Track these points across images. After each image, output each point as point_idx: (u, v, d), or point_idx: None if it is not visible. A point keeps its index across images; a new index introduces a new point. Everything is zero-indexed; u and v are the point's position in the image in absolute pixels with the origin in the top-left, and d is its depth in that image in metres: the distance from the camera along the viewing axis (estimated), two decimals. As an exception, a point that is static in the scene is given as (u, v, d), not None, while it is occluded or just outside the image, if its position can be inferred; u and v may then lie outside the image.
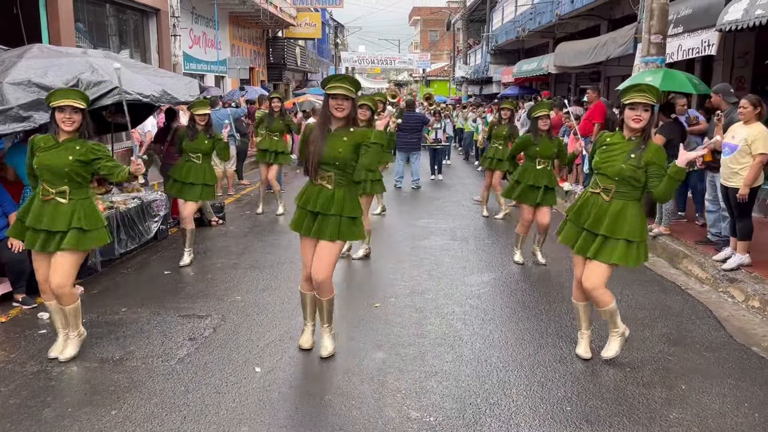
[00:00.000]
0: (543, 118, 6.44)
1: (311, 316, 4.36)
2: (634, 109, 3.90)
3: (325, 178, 4.03)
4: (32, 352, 4.34)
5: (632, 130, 3.95)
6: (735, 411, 3.58)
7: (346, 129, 4.02)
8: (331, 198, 4.01)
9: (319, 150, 3.96)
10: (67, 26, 10.78)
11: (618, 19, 14.04)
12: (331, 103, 3.98)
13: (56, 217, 4.03)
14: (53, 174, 4.03)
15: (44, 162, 4.03)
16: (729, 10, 7.89)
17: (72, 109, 3.99)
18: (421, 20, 54.22)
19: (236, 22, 20.44)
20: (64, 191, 4.06)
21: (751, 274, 5.85)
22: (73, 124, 4.02)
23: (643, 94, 3.87)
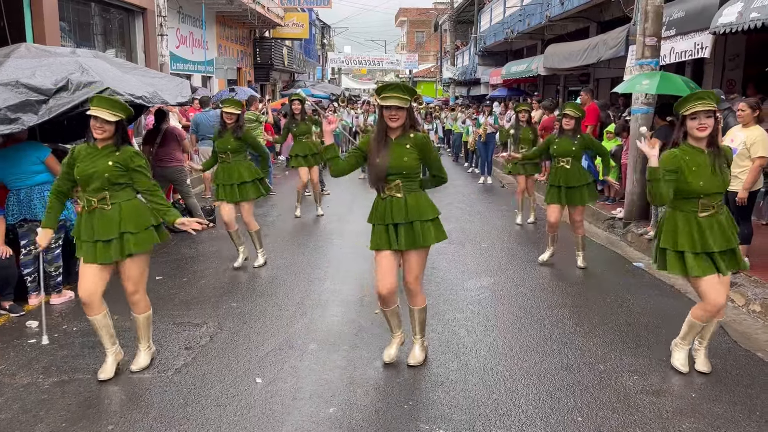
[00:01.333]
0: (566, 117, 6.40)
1: (394, 329, 4.24)
2: (696, 118, 3.79)
3: (392, 188, 3.93)
4: (22, 363, 4.18)
5: (699, 139, 3.84)
6: (747, 419, 3.52)
7: (407, 135, 3.92)
8: (404, 206, 3.92)
9: (385, 163, 3.86)
10: (51, 25, 10.56)
11: (607, 21, 14.05)
12: (385, 114, 3.87)
13: (106, 225, 3.87)
14: (94, 181, 3.86)
15: (85, 171, 3.86)
16: (723, 12, 7.89)
17: (103, 120, 3.83)
18: (408, 21, 54.16)
19: (223, 21, 20.25)
20: (105, 198, 3.89)
21: (750, 278, 5.82)
22: (103, 133, 3.86)
23: (702, 101, 3.77)
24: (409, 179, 3.95)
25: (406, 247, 3.96)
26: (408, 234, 3.94)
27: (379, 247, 4.00)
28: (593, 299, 5.63)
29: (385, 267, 4.00)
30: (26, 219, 5.28)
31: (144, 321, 4.11)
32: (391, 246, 3.96)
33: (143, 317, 4.10)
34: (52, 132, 6.23)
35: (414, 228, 3.94)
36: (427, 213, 3.98)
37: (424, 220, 3.96)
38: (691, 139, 3.89)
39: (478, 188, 12.77)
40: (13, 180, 5.29)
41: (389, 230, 3.96)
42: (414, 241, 3.95)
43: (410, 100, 3.88)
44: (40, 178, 5.30)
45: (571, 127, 6.38)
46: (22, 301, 5.29)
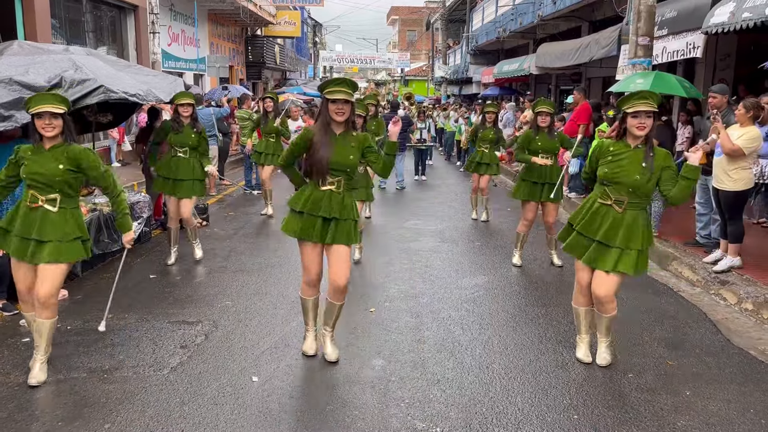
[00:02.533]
0: (542, 115, 6.38)
1: (314, 321, 4.29)
2: (637, 116, 3.85)
3: (333, 183, 3.97)
4: (16, 362, 4.15)
5: (636, 137, 3.91)
6: (741, 417, 3.55)
7: (350, 133, 3.99)
8: (342, 202, 3.98)
9: (328, 156, 3.90)
10: (43, 22, 10.49)
11: (599, 20, 14.11)
12: (331, 107, 3.91)
13: (46, 227, 3.81)
14: (44, 183, 3.80)
15: (34, 170, 3.79)
16: (715, 12, 7.95)
17: (51, 115, 3.76)
18: (399, 20, 54.14)
19: (215, 19, 20.17)
20: (54, 199, 3.84)
21: (742, 277, 5.87)
22: (53, 129, 3.79)
23: (645, 101, 3.83)
24: (349, 177, 4.02)
25: (331, 241, 3.99)
26: (339, 230, 3.99)
27: (305, 237, 4.02)
28: (587, 298, 5.65)
29: (312, 257, 4.09)
30: (19, 217, 5.23)
31: (51, 327, 3.91)
32: (315, 238, 4.00)
33: (52, 322, 3.90)
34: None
35: (346, 225, 4.00)
36: (354, 214, 4.06)
37: (350, 219, 4.03)
38: (629, 137, 3.96)
39: (469, 187, 12.76)
40: (6, 178, 5.24)
41: (317, 222, 3.98)
42: (345, 237, 4.00)
43: (353, 95, 3.95)
44: (34, 175, 5.25)
45: (547, 123, 6.41)
46: (14, 300, 5.24)
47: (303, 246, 4.11)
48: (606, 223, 3.97)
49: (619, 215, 3.95)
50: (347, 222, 4.00)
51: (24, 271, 3.92)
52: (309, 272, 4.14)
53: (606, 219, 3.97)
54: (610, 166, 3.96)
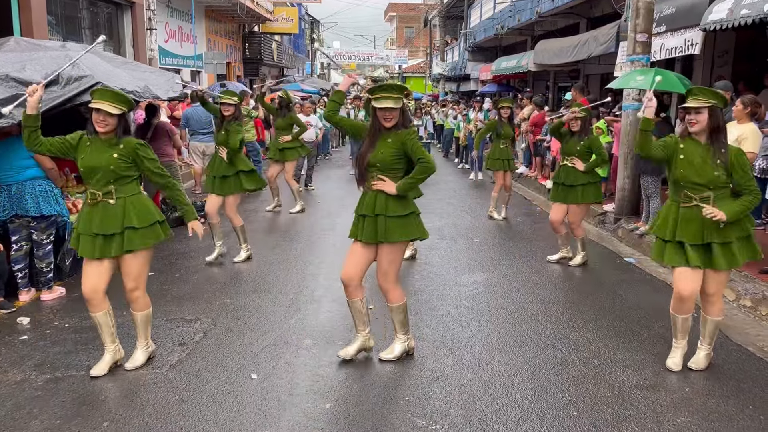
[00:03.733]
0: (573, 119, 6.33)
1: (362, 324, 4.18)
2: (689, 113, 3.88)
3: (371, 179, 3.98)
4: (14, 360, 4.14)
5: (696, 133, 3.91)
6: (740, 413, 3.55)
7: (393, 132, 3.93)
8: (374, 199, 3.94)
9: (368, 153, 3.93)
10: (39, 18, 10.43)
11: (597, 17, 14.10)
12: (379, 114, 3.89)
13: (108, 220, 3.82)
14: (98, 173, 3.81)
15: (89, 162, 3.81)
16: (713, 9, 7.93)
17: (106, 113, 3.78)
18: (397, 16, 54.05)
19: (212, 16, 20.10)
20: (110, 191, 3.84)
21: (741, 273, 5.87)
22: (106, 126, 3.80)
23: (694, 97, 3.85)
24: (386, 173, 3.92)
25: (367, 239, 3.96)
26: (371, 227, 3.94)
27: (350, 235, 4.10)
28: (586, 294, 5.66)
29: (351, 256, 4.07)
30: (17, 215, 5.22)
31: (143, 319, 4.07)
32: (357, 236, 4.00)
33: (142, 315, 4.05)
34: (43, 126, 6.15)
35: (378, 222, 3.92)
36: (395, 209, 3.93)
37: (391, 215, 3.92)
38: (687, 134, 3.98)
39: (468, 184, 12.79)
40: (3, 175, 5.23)
41: (359, 221, 4.01)
42: (376, 234, 3.93)
43: (402, 99, 3.90)
44: (31, 173, 5.24)
45: (578, 128, 6.35)
46: (12, 298, 5.23)
47: (351, 246, 4.12)
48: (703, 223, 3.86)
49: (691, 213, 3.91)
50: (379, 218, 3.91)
51: (93, 269, 3.87)
52: (342, 271, 4.07)
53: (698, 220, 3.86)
54: (684, 167, 3.88)
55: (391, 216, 3.91)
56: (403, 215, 3.95)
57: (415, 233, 4.05)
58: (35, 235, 5.30)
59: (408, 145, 3.91)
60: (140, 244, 3.88)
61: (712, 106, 3.84)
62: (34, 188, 5.19)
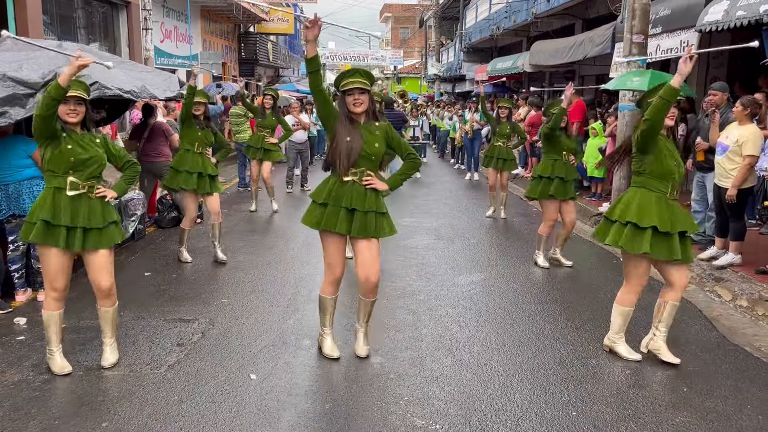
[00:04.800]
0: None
1: (332, 322, 4.23)
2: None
3: (356, 173, 3.90)
4: (11, 360, 4.12)
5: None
6: (739, 413, 3.57)
7: (372, 123, 3.93)
8: (364, 194, 3.91)
9: (360, 145, 3.84)
10: (34, 17, 10.40)
11: (593, 18, 14.14)
12: (348, 100, 3.86)
13: (92, 213, 3.82)
14: (91, 167, 3.81)
15: (83, 156, 3.78)
16: (709, 11, 7.97)
17: (76, 101, 3.77)
18: (392, 17, 54.07)
19: (208, 16, 20.07)
20: (93, 186, 3.85)
21: (737, 273, 5.91)
22: (77, 116, 3.80)
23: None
24: (372, 168, 3.95)
25: (358, 234, 3.91)
26: (363, 222, 3.91)
27: (329, 227, 3.91)
28: (583, 294, 5.68)
29: (337, 251, 4.02)
30: (15, 214, 5.19)
31: (115, 314, 4.04)
32: (339, 229, 3.90)
33: (114, 310, 4.02)
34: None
35: (368, 217, 3.91)
36: (380, 206, 3.99)
37: (378, 212, 3.96)
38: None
39: (464, 185, 12.81)
40: (0, 175, 5.20)
41: (341, 213, 3.90)
42: (370, 230, 3.92)
43: (370, 84, 3.90)
44: (29, 172, 5.21)
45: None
46: (9, 298, 5.21)
47: (326, 241, 4.01)
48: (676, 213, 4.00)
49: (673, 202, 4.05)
50: (370, 214, 3.91)
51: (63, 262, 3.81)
52: (334, 270, 4.03)
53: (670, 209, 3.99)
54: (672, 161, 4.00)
55: (380, 213, 3.97)
56: (385, 212, 4.04)
57: (395, 229, 4.13)
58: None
59: (394, 138, 3.97)
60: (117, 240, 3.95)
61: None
62: (31, 188, 5.16)
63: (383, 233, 3.99)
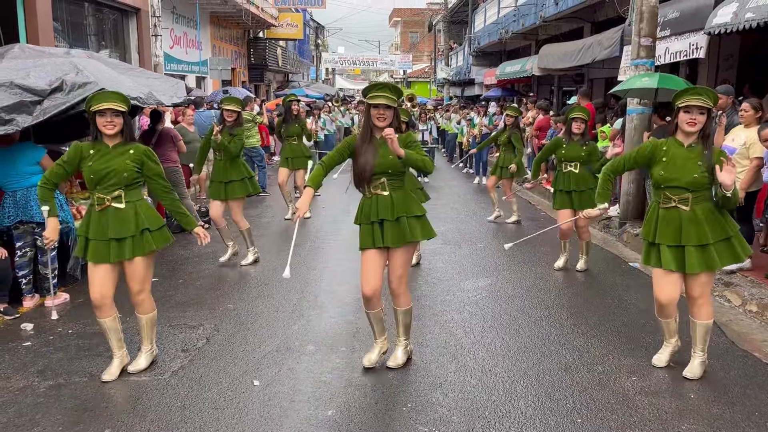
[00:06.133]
0: (577, 121, 6.29)
1: (380, 333, 4.18)
2: (689, 112, 3.78)
3: (378, 186, 3.93)
4: (17, 366, 4.14)
5: (687, 134, 3.84)
6: (746, 420, 3.52)
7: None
8: (390, 202, 3.91)
9: (372, 161, 3.87)
10: (45, 25, 10.49)
11: (601, 21, 14.08)
12: (373, 112, 3.87)
13: (122, 223, 3.85)
14: (110, 179, 3.83)
15: (101, 168, 3.81)
16: (718, 13, 7.91)
17: (113, 113, 3.81)
18: (402, 22, 54.16)
19: (217, 22, 20.18)
20: (119, 196, 3.87)
21: (746, 278, 5.84)
22: (114, 127, 3.83)
23: (699, 96, 3.75)
24: (395, 177, 3.95)
25: (392, 244, 3.93)
26: (394, 230, 3.92)
27: (365, 245, 3.98)
28: (591, 300, 5.63)
29: (369, 267, 3.98)
30: (22, 221, 5.24)
31: (148, 321, 4.09)
32: (376, 243, 3.93)
33: (148, 318, 4.07)
34: (47, 133, 6.19)
35: (401, 224, 3.91)
36: (413, 209, 3.97)
37: (411, 216, 3.95)
38: (680, 133, 3.88)
39: (473, 189, 12.77)
40: (8, 182, 5.25)
41: (374, 228, 3.94)
42: (402, 236, 3.92)
43: (397, 101, 3.90)
44: (37, 179, 5.19)
45: (581, 131, 6.33)
46: (16, 304, 5.25)
47: (362, 257, 4.03)
48: (685, 225, 3.83)
49: (690, 213, 3.83)
50: (400, 219, 3.90)
51: (101, 275, 3.88)
52: (363, 286, 4.01)
53: (679, 221, 3.84)
54: (666, 167, 3.83)
55: (412, 216, 3.94)
56: (421, 216, 4.01)
57: (433, 232, 4.11)
58: (40, 241, 5.31)
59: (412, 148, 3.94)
60: (156, 246, 3.95)
61: (710, 109, 3.82)
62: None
63: (417, 236, 3.98)
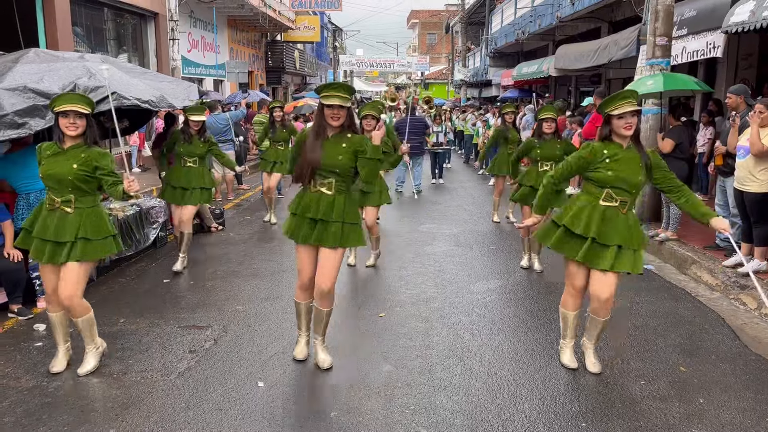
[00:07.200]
0: (548, 121, 6.30)
1: (306, 326, 4.30)
2: (623, 117, 3.82)
3: (324, 185, 3.96)
4: (28, 366, 4.20)
5: (624, 138, 3.88)
6: (756, 426, 3.45)
7: (344, 135, 3.95)
8: (332, 204, 3.95)
9: (318, 157, 3.89)
10: (64, 30, 10.66)
11: (619, 21, 13.95)
12: (326, 112, 3.90)
13: (62, 228, 3.91)
14: (58, 182, 3.89)
15: (48, 171, 3.90)
16: (735, 11, 7.79)
17: (76, 114, 3.86)
18: (420, 23, 54.13)
19: (235, 25, 20.34)
20: (69, 200, 3.93)
21: (763, 280, 5.72)
22: (77, 129, 3.89)
23: (627, 100, 3.83)
24: (342, 179, 3.97)
25: (315, 242, 3.99)
26: (325, 232, 3.96)
27: (293, 237, 4.06)
28: (601, 302, 5.56)
29: (307, 259, 4.09)
30: (34, 223, 5.30)
31: (84, 324, 4.03)
32: (302, 239, 4.01)
33: (83, 320, 4.03)
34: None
35: (333, 228, 3.95)
36: (350, 217, 4.01)
37: (347, 223, 3.99)
38: (615, 137, 3.91)
39: (488, 190, 12.68)
40: (23, 184, 5.33)
41: (306, 224, 3.99)
42: (332, 240, 3.96)
43: (350, 99, 3.94)
44: (48, 182, 5.32)
45: (552, 130, 6.32)
46: (30, 305, 5.32)
47: (297, 248, 4.14)
48: (611, 224, 3.87)
49: (623, 215, 3.90)
50: (335, 224, 3.95)
51: (48, 271, 4.01)
52: (301, 275, 4.15)
53: (610, 220, 3.88)
54: (612, 168, 3.85)
55: (349, 223, 4.00)
56: (357, 223, 4.07)
57: (364, 241, 4.20)
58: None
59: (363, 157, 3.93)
60: (89, 256, 3.96)
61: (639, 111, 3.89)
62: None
63: (352, 242, 4.05)
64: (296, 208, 4.05)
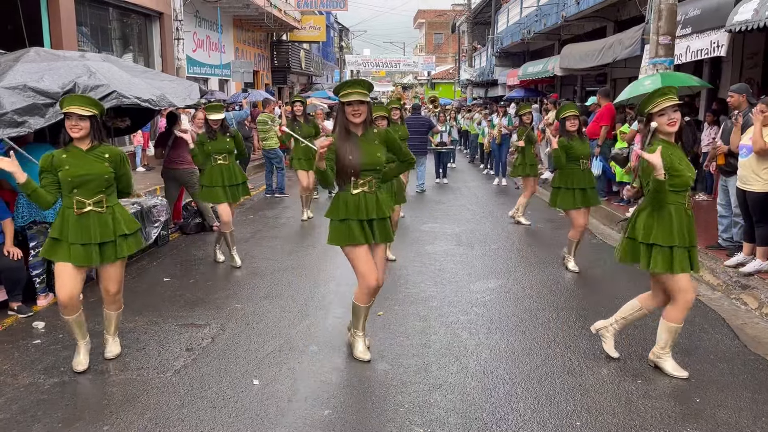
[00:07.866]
0: (570, 119, 6.28)
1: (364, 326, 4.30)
2: (664, 114, 3.78)
3: (365, 184, 3.99)
4: (25, 364, 4.22)
5: (669, 134, 3.84)
6: (752, 426, 3.43)
7: (370, 132, 4.00)
8: (376, 202, 4.02)
9: (358, 160, 3.91)
10: (69, 30, 10.72)
11: (624, 20, 13.89)
12: (347, 110, 3.91)
13: (105, 228, 3.96)
14: (89, 183, 3.90)
15: (78, 172, 3.88)
16: (739, 10, 7.74)
17: (78, 117, 3.87)
18: (426, 23, 54.10)
19: (240, 25, 20.39)
20: (101, 201, 3.96)
21: (764, 281, 5.69)
22: (80, 131, 3.90)
23: (666, 96, 3.78)
24: (378, 176, 4.05)
25: (381, 240, 4.10)
26: (381, 229, 4.06)
27: (356, 241, 4.00)
28: (602, 302, 5.53)
29: (367, 259, 4.06)
30: (36, 221, 5.34)
31: (120, 316, 4.34)
32: (368, 240, 4.02)
33: (119, 313, 4.29)
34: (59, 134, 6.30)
35: (385, 224, 4.07)
36: (386, 211, 4.11)
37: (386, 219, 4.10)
38: (661, 135, 3.86)
39: (492, 190, 12.68)
40: (22, 183, 5.35)
41: (364, 225, 4.00)
42: (386, 236, 4.11)
43: (368, 95, 3.97)
44: (47, 180, 5.34)
45: (576, 127, 6.30)
46: (31, 302, 5.35)
47: (355, 253, 4.04)
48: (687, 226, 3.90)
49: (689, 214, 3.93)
50: (385, 221, 4.05)
51: (71, 276, 3.94)
52: (369, 279, 4.05)
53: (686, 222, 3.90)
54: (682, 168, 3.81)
55: (386, 219, 4.09)
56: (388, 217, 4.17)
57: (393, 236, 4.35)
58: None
59: (394, 142, 4.04)
60: (131, 250, 4.10)
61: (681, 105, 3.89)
62: (50, 195, 5.30)
63: (391, 238, 4.22)
64: (344, 213, 4.00)
